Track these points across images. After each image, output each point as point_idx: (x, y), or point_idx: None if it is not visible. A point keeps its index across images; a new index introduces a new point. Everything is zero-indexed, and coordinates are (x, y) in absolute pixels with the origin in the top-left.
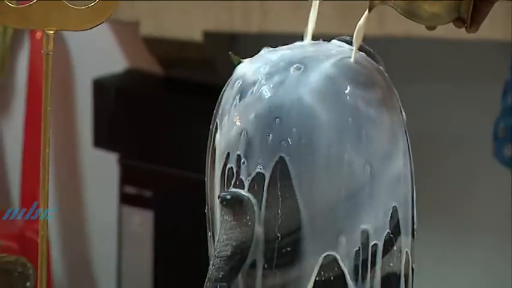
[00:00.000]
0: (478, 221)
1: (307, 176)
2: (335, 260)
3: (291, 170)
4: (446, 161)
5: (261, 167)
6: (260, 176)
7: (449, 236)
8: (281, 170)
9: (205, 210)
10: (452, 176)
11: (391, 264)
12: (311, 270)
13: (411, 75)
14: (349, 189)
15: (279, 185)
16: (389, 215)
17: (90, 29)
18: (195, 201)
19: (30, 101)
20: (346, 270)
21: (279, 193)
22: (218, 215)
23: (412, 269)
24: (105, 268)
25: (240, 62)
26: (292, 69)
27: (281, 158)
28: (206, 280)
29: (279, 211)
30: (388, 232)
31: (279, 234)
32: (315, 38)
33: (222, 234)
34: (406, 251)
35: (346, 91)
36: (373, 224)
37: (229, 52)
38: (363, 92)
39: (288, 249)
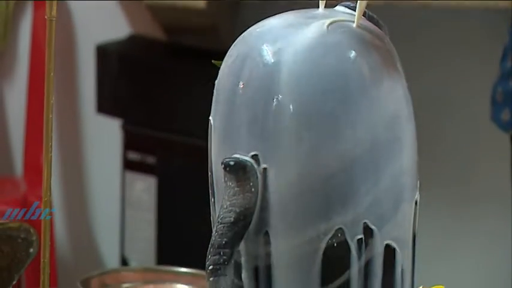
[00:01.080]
0: (477, 186)
1: (308, 142)
2: (339, 226)
3: (291, 135)
4: (446, 125)
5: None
6: None
7: (448, 201)
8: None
9: (208, 177)
10: (451, 141)
11: (394, 230)
12: (314, 237)
13: (413, 41)
14: (352, 154)
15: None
16: (392, 181)
17: None
18: (199, 168)
19: (33, 67)
20: (349, 236)
21: None
22: (221, 181)
23: (415, 236)
24: (108, 234)
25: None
26: (295, 33)
27: (282, 123)
28: (209, 246)
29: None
30: (391, 198)
31: (282, 200)
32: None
33: (225, 200)
34: (409, 218)
35: (350, 56)
36: (376, 189)
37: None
38: (366, 57)
39: (291, 216)
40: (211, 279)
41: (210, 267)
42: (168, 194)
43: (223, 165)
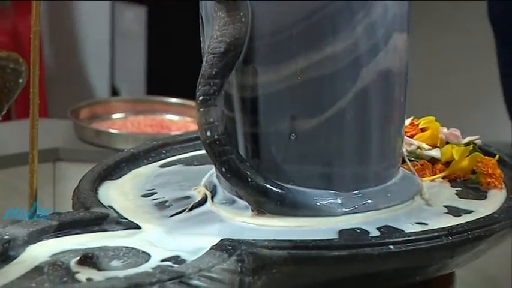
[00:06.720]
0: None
1: None
2: (329, 56)
3: None
4: None
5: None
6: None
7: (439, 28)
8: None
9: (199, 7)
10: None
11: (387, 61)
12: (304, 67)
13: None
14: None
15: None
16: (384, 10)
17: None
18: None
19: None
20: (339, 64)
21: None
22: (211, 12)
23: (407, 65)
24: (98, 64)
25: None
26: None
27: None
28: (200, 77)
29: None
30: (383, 27)
31: (272, 30)
32: None
33: (215, 30)
34: (401, 48)
35: None
36: (368, 19)
37: None
38: None
39: (282, 45)
40: (201, 109)
41: (200, 97)
42: (158, 23)
43: None
